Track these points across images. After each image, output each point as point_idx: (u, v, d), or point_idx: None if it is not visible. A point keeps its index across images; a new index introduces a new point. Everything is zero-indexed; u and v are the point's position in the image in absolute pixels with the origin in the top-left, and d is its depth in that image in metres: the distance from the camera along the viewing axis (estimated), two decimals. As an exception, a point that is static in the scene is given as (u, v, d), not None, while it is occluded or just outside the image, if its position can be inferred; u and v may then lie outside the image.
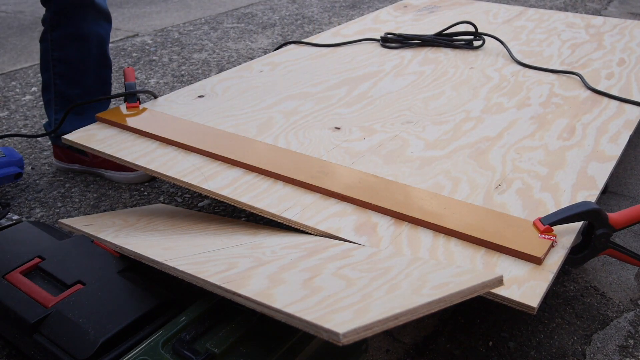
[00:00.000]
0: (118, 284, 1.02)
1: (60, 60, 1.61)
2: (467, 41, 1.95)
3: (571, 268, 1.29)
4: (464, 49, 1.93)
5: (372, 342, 1.09)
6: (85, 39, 1.59)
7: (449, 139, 1.32)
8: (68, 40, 1.58)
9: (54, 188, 1.64)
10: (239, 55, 2.70)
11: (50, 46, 1.59)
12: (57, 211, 1.53)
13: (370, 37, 2.04)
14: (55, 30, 1.58)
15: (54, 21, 1.57)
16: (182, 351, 0.82)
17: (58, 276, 1.04)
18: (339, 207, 1.06)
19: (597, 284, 1.24)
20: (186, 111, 1.46)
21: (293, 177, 1.13)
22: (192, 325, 0.87)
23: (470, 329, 1.12)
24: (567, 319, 1.15)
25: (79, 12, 1.55)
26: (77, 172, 1.72)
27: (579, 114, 1.44)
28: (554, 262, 0.92)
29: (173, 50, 2.79)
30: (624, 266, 1.30)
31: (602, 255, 1.04)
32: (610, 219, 1.01)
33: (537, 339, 1.10)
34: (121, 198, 1.59)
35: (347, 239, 0.98)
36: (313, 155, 1.24)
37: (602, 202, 1.53)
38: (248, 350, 0.83)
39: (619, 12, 3.41)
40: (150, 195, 1.60)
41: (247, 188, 1.13)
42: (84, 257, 1.09)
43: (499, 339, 1.10)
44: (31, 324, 0.95)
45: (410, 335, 1.11)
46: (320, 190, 1.11)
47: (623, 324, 1.14)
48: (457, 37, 1.98)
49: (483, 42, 1.95)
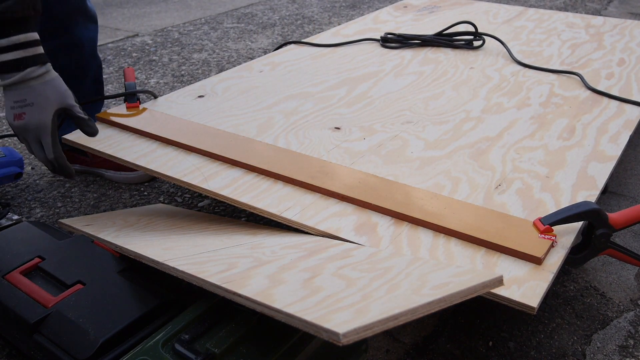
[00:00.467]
0: (118, 284, 1.02)
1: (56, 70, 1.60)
2: (467, 41, 1.95)
3: (571, 268, 1.29)
4: (464, 49, 1.93)
5: (372, 342, 1.09)
6: (80, 45, 1.58)
7: (449, 139, 1.32)
8: (63, 49, 1.57)
9: (54, 188, 1.64)
10: (239, 55, 2.70)
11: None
12: (57, 211, 1.53)
13: (370, 37, 2.04)
14: (48, 40, 1.57)
15: (46, 32, 1.55)
16: (182, 351, 0.82)
17: (58, 276, 1.04)
18: (339, 207, 1.06)
19: (597, 284, 1.24)
20: (186, 111, 1.46)
21: (293, 177, 1.13)
22: (192, 325, 0.87)
23: (470, 329, 1.12)
24: (567, 319, 1.15)
25: (72, 19, 1.54)
26: (77, 172, 1.72)
27: (579, 114, 1.44)
28: (554, 262, 0.92)
29: (173, 50, 2.79)
30: (624, 266, 1.30)
31: (602, 255, 1.04)
32: (610, 219, 1.01)
33: (537, 339, 1.10)
34: (121, 198, 1.59)
35: (347, 239, 0.98)
36: (313, 155, 1.24)
37: (602, 202, 1.53)
38: (248, 350, 0.83)
39: (619, 12, 3.42)
40: (150, 195, 1.60)
41: (247, 188, 1.13)
42: (84, 257, 1.09)
43: (499, 339, 1.10)
44: (31, 324, 0.95)
45: (410, 335, 1.11)
46: (320, 190, 1.11)
47: (623, 324, 1.14)
48: (457, 37, 1.98)
49: (483, 42, 1.95)
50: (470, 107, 1.48)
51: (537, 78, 1.68)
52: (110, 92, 2.28)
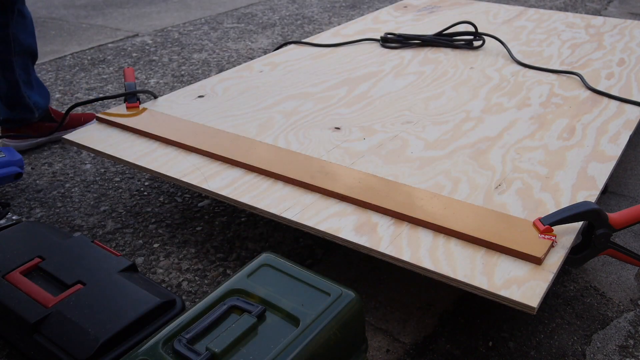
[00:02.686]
0: (118, 284, 1.02)
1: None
2: (467, 41, 1.95)
3: (571, 268, 1.29)
4: (464, 49, 1.93)
5: (372, 342, 1.09)
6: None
7: (449, 139, 1.32)
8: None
9: (53, 188, 1.64)
10: (239, 55, 2.70)
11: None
12: (57, 211, 1.53)
13: (370, 37, 2.04)
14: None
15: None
16: (182, 351, 0.82)
17: (58, 276, 1.04)
18: (339, 207, 1.06)
19: (597, 284, 1.24)
20: (186, 111, 1.46)
21: (293, 177, 1.13)
22: (192, 325, 0.87)
23: (470, 329, 1.12)
24: (567, 319, 1.15)
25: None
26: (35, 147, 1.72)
27: (579, 114, 1.44)
28: (554, 262, 0.92)
29: (173, 51, 2.79)
30: (624, 266, 1.30)
31: (602, 255, 1.04)
32: (610, 219, 1.01)
33: (537, 339, 1.10)
34: (121, 198, 1.59)
35: (347, 239, 0.98)
36: (313, 155, 1.24)
37: (602, 202, 1.53)
38: (248, 350, 0.83)
39: (619, 12, 3.41)
40: (150, 195, 1.60)
41: (247, 188, 1.13)
42: (84, 257, 1.09)
43: (499, 339, 1.10)
44: (31, 324, 0.95)
45: (410, 335, 1.11)
46: (320, 190, 1.11)
47: (623, 324, 1.14)
48: (457, 37, 1.98)
49: (483, 42, 1.95)
50: (470, 107, 1.48)
51: (537, 78, 1.68)
52: (110, 92, 2.28)
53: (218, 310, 0.90)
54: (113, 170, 1.72)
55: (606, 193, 1.58)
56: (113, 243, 1.38)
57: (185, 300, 1.18)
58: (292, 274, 0.90)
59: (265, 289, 0.88)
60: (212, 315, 0.89)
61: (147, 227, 1.43)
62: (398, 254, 0.94)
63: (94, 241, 1.13)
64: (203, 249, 1.34)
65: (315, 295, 0.86)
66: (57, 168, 1.74)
